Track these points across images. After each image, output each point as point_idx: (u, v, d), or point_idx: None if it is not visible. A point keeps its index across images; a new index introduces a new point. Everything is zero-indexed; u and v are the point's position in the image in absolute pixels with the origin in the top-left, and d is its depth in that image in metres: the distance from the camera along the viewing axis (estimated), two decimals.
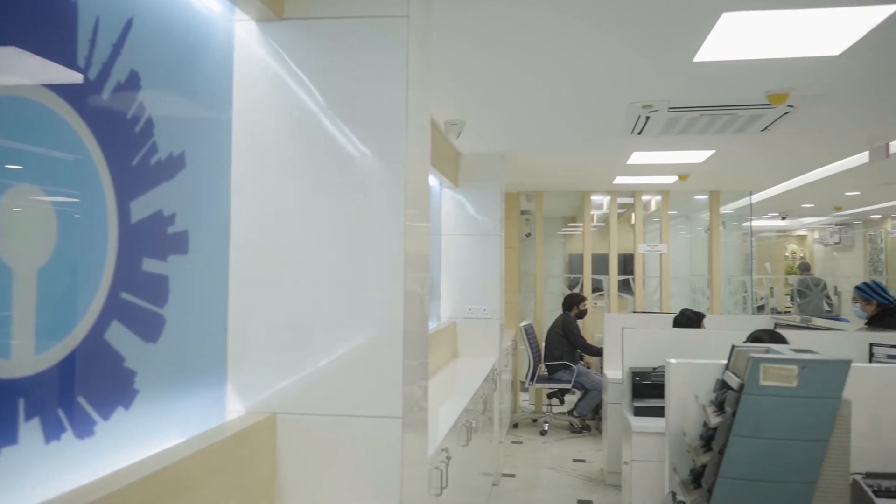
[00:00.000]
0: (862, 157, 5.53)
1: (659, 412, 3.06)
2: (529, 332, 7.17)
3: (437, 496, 2.52)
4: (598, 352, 6.68)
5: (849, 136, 4.83)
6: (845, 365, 1.85)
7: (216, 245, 1.83)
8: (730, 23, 2.63)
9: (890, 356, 3.62)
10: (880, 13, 2.54)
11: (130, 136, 1.46)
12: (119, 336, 1.41)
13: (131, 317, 1.45)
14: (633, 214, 8.16)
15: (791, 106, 3.84)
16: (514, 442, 6.45)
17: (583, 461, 5.81)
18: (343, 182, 1.85)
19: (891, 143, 4.92)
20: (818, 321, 5.97)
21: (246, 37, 1.89)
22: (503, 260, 5.86)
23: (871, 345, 3.72)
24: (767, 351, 2.03)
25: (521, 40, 2.89)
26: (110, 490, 1.24)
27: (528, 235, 8.45)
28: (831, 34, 2.77)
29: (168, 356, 1.58)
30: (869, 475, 2.06)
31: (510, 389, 6.96)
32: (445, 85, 3.57)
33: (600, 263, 8.08)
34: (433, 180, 5.12)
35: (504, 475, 5.38)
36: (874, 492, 1.98)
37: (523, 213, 8.44)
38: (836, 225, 12.74)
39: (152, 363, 1.52)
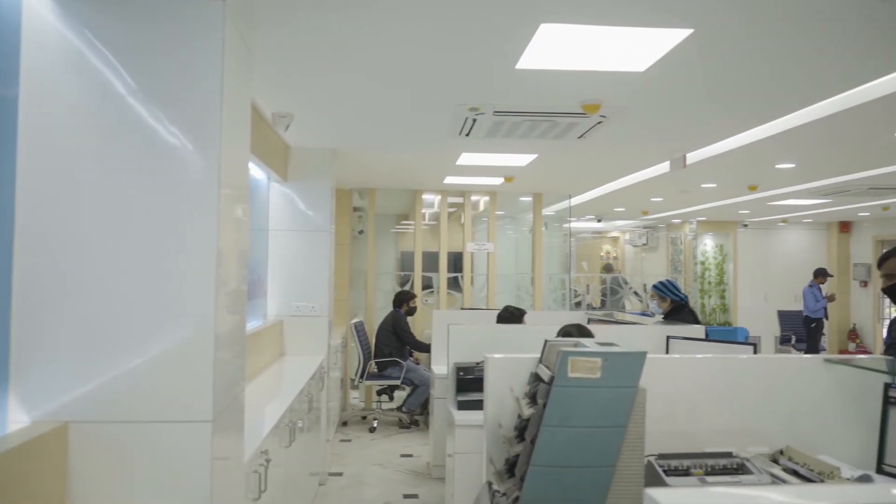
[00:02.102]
0: (664, 167, 6.07)
1: (480, 405, 3.16)
2: (360, 329, 7.15)
3: (255, 500, 2.43)
4: (426, 348, 6.80)
5: (653, 146, 5.28)
6: (641, 356, 2.01)
7: None
8: (548, 34, 2.77)
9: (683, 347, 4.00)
10: (678, 35, 2.79)
11: None
12: None
13: None
14: (462, 214, 8.39)
15: (603, 116, 4.13)
16: (342, 440, 6.41)
17: (410, 456, 5.89)
18: (152, 170, 1.73)
19: (687, 155, 5.46)
20: (627, 316, 6.48)
21: (37, 4, 1.71)
22: (334, 257, 5.79)
23: (668, 337, 4.09)
24: (576, 345, 2.16)
25: (348, 37, 2.86)
26: None
27: (360, 232, 8.42)
28: (637, 51, 3.00)
29: None
30: (661, 456, 2.25)
31: (340, 387, 6.90)
32: (272, 75, 3.46)
33: (431, 261, 8.23)
34: (260, 173, 4.95)
35: (331, 474, 5.32)
36: (665, 471, 2.16)
37: (356, 209, 8.40)
38: (643, 228, 13.91)
39: None
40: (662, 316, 5.05)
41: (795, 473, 2.20)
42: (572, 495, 2.02)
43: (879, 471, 2.33)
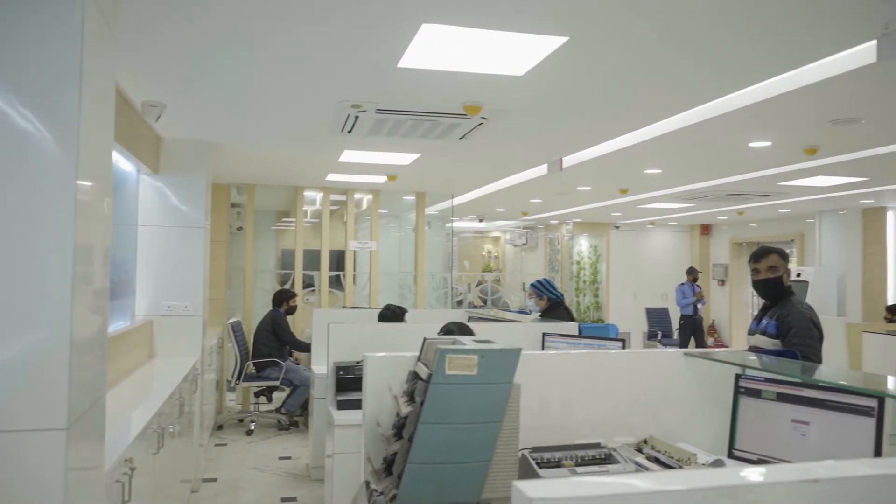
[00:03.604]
0: (542, 169, 6.27)
1: (360, 405, 3.13)
2: (237, 329, 6.91)
3: None
4: (306, 348, 6.68)
5: (532, 149, 5.44)
6: (516, 353, 2.06)
7: None
8: (429, 34, 2.79)
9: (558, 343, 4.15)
10: (554, 42, 2.88)
11: None
12: None
13: None
14: (345, 212, 8.31)
15: (484, 118, 4.21)
16: (217, 444, 6.17)
17: (289, 458, 5.76)
18: (0, 156, 1.58)
19: (564, 159, 5.66)
20: (507, 314, 6.64)
21: None
22: (209, 254, 5.57)
23: (544, 334, 4.23)
24: (454, 342, 2.18)
25: (223, 29, 2.75)
26: None
27: (239, 229, 8.15)
28: (516, 56, 3.08)
29: None
30: (535, 449, 2.31)
31: (215, 389, 6.64)
32: (140, 63, 3.27)
33: (313, 259, 8.10)
34: (128, 165, 4.67)
35: (205, 480, 5.11)
36: (538, 463, 2.23)
37: (234, 205, 8.12)
38: (523, 228, 14.32)
39: None
40: (539, 314, 5.22)
41: (657, 461, 2.33)
42: (449, 491, 2.05)
43: (731, 455, 2.51)
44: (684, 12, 2.59)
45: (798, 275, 9.34)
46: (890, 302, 9.00)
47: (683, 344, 10.91)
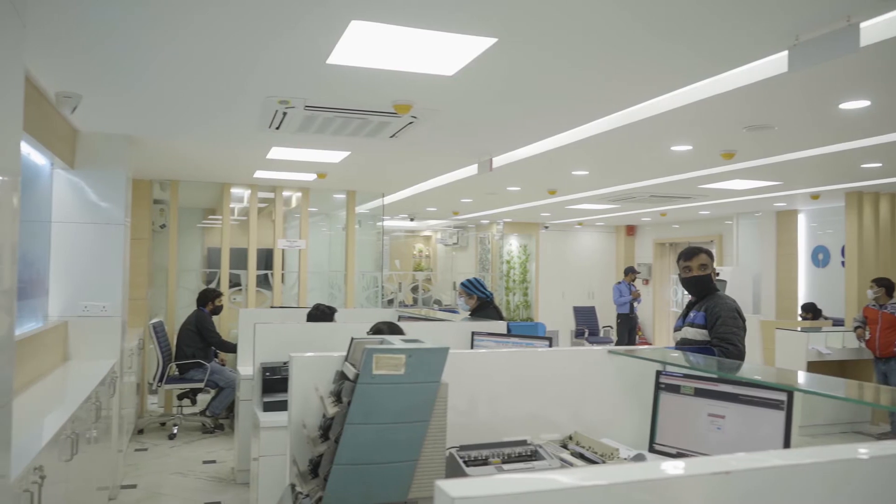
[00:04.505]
0: (472, 169, 6.31)
1: (286, 406, 3.08)
2: (159, 329, 6.69)
3: None
4: (233, 348, 6.52)
5: (462, 149, 5.47)
6: (444, 352, 2.06)
7: None
8: (359, 31, 2.76)
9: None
10: (483, 43, 2.90)
11: None
12: None
13: None
14: (274, 210, 8.15)
15: (414, 117, 4.20)
16: (138, 449, 5.96)
17: (214, 462, 5.61)
18: None
19: (494, 159, 5.72)
20: (439, 314, 6.65)
21: None
22: (130, 252, 5.36)
23: (473, 333, 4.25)
24: (382, 342, 2.17)
25: (143, 18, 2.65)
26: None
27: (162, 227, 7.89)
28: (446, 56, 3.09)
29: None
30: (462, 447, 2.32)
31: (135, 393, 6.41)
32: (55, 50, 3.12)
33: (240, 258, 7.91)
34: (41, 159, 4.45)
35: (124, 486, 4.92)
36: (465, 461, 2.24)
37: (157, 202, 7.85)
38: (454, 227, 14.39)
39: None
40: (469, 312, 5.25)
41: (582, 456, 2.38)
42: (375, 491, 2.03)
43: (652, 449, 2.58)
44: (609, 20, 2.65)
45: (717, 274, 9.71)
46: (801, 300, 9.46)
47: (621, 341, 11.16)
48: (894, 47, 2.86)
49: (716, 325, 3.36)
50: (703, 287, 3.53)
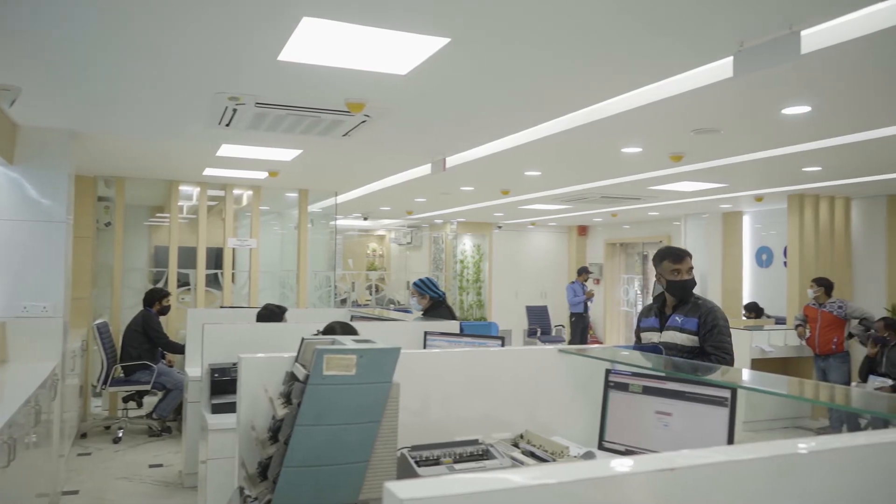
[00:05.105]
0: (426, 169, 6.31)
1: (235, 408, 3.03)
2: (104, 330, 6.50)
3: None
4: (180, 349, 6.39)
5: (416, 148, 5.46)
6: (395, 352, 2.05)
7: None
8: (311, 27, 2.73)
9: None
10: (437, 43, 2.90)
11: None
12: None
13: None
14: (224, 208, 8.01)
15: (367, 116, 4.17)
16: (81, 454, 5.79)
17: (160, 466, 5.48)
18: None
19: (447, 159, 5.73)
20: (391, 313, 6.63)
21: None
22: (72, 251, 5.20)
23: (426, 333, 4.25)
24: (333, 342, 2.15)
25: (87, 6, 2.57)
26: None
27: (107, 225, 7.67)
28: (399, 55, 3.07)
29: None
30: (414, 448, 2.32)
31: (79, 395, 6.23)
32: None
33: (189, 257, 7.74)
34: None
35: (65, 493, 4.78)
36: (416, 462, 2.23)
37: (101, 199, 7.63)
38: (408, 227, 14.36)
39: None
40: (422, 312, 5.25)
41: (532, 455, 2.40)
42: (325, 494, 2.01)
43: (601, 447, 2.62)
44: (559, 25, 2.67)
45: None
46: (745, 299, 9.73)
47: (574, 340, 11.26)
48: (834, 55, 2.96)
49: (712, 334, 3.35)
50: (689, 290, 3.51)
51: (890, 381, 6.06)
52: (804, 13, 2.56)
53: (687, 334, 3.39)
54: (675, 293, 3.51)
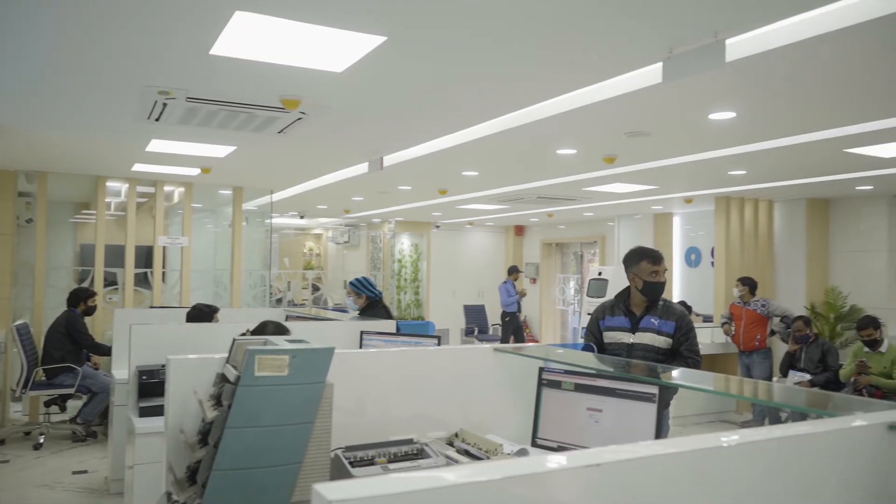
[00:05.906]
0: (363, 167, 6.27)
1: (164, 411, 2.95)
2: (24, 332, 6.21)
3: None
4: (107, 351, 6.16)
5: (353, 147, 5.42)
6: (329, 352, 2.03)
7: None
8: (244, 22, 2.67)
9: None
10: (373, 41, 2.89)
11: None
12: None
13: None
14: (154, 205, 7.77)
15: (303, 113, 4.12)
16: None
17: (85, 472, 5.28)
18: None
19: (384, 158, 5.70)
20: (329, 313, 6.57)
21: None
22: None
23: (362, 332, 4.23)
24: (265, 343, 2.11)
25: None
26: None
27: (28, 221, 7.34)
28: (335, 52, 3.04)
29: None
30: (348, 448, 2.30)
31: None
32: None
33: (116, 255, 7.48)
34: None
35: None
36: (350, 462, 2.22)
37: (22, 195, 7.29)
38: (346, 226, 14.24)
39: None
40: (358, 311, 5.21)
41: (467, 453, 2.41)
42: (256, 497, 1.98)
43: (534, 444, 2.66)
44: (495, 27, 2.70)
45: (599, 273, 10.12)
46: (675, 299, 10.02)
47: (506, 340, 11.26)
48: (757, 63, 3.08)
49: (688, 338, 3.37)
50: (661, 292, 3.51)
51: (808, 376, 6.35)
52: (728, 21, 2.66)
53: (664, 337, 3.38)
54: (650, 294, 3.46)
